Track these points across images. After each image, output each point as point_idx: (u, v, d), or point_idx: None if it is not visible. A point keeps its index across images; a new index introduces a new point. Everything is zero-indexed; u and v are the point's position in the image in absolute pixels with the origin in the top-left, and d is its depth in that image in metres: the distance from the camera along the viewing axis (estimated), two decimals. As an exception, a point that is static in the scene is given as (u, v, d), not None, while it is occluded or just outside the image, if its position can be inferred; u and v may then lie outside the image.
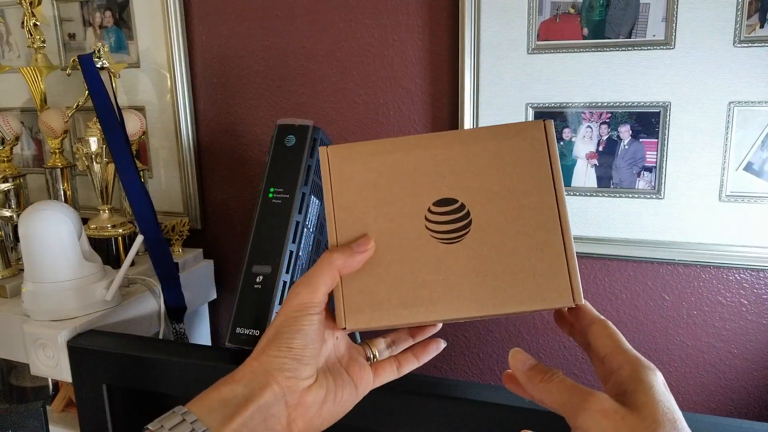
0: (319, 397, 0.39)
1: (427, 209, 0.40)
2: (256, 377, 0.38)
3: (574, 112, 0.82)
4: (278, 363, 0.38)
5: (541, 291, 0.38)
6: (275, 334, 0.39)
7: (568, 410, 0.34)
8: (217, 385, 0.39)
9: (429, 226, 0.40)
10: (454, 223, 0.39)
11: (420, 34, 0.89)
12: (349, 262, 0.39)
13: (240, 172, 1.04)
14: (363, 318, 0.39)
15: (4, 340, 0.79)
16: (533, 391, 0.36)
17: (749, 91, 0.75)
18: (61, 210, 0.75)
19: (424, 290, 0.39)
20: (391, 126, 0.93)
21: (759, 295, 0.81)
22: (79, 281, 0.75)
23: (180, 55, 1.00)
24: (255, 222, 0.66)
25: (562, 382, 0.35)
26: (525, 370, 0.36)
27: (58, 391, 0.94)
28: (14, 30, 1.10)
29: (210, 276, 1.04)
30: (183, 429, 0.35)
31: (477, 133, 0.41)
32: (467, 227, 0.39)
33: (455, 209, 0.40)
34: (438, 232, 0.39)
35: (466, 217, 0.39)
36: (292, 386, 0.38)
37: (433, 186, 0.40)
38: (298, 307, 0.39)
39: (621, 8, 0.78)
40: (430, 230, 0.40)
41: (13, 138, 0.95)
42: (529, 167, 0.40)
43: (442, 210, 0.40)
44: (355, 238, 0.40)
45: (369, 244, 0.39)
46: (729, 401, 0.85)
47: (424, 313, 0.38)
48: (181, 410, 0.36)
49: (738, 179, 0.77)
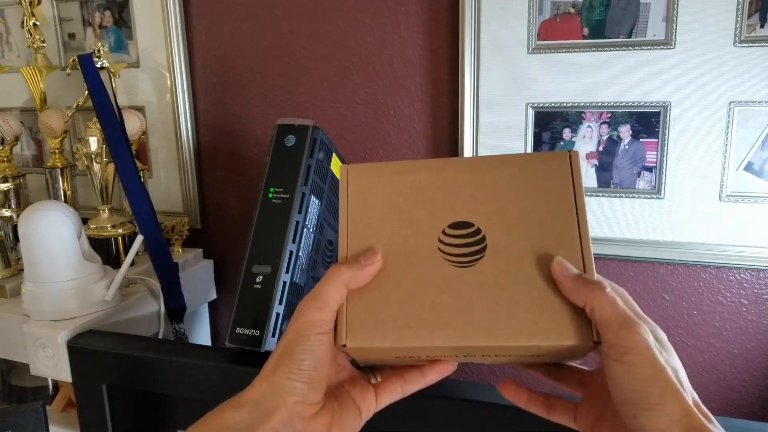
0: (326, 423, 0.37)
1: (442, 231, 0.39)
2: (264, 401, 0.36)
3: (574, 112, 0.82)
4: (289, 386, 0.36)
5: (558, 326, 0.35)
6: (284, 353, 0.37)
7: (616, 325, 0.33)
8: (221, 409, 0.36)
9: (442, 248, 0.38)
10: (467, 246, 0.38)
11: (420, 33, 0.88)
12: (357, 275, 0.37)
13: (240, 172, 1.04)
14: (365, 336, 0.37)
15: (4, 340, 0.79)
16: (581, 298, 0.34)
17: (749, 90, 0.75)
18: (61, 210, 0.75)
19: (431, 313, 0.37)
20: (391, 126, 0.93)
21: (759, 295, 0.81)
22: (79, 281, 0.75)
23: (180, 54, 1.00)
24: (255, 222, 0.66)
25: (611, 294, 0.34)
26: (573, 276, 0.35)
27: (58, 391, 0.94)
28: (14, 30, 1.10)
29: (210, 276, 1.04)
30: None
31: (501, 160, 0.40)
32: (481, 252, 0.38)
33: (470, 233, 0.38)
34: (451, 255, 0.38)
35: (481, 242, 0.38)
36: (301, 412, 0.36)
37: (450, 208, 0.39)
38: (306, 326, 0.37)
39: (621, 8, 0.78)
40: (443, 252, 0.38)
41: (13, 138, 0.94)
42: (551, 196, 0.38)
43: (456, 233, 0.38)
44: None
45: (376, 256, 0.38)
46: (729, 401, 0.85)
47: (429, 337, 0.36)
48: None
49: (738, 179, 0.77)
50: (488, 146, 0.86)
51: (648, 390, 0.31)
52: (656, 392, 0.31)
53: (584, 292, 0.34)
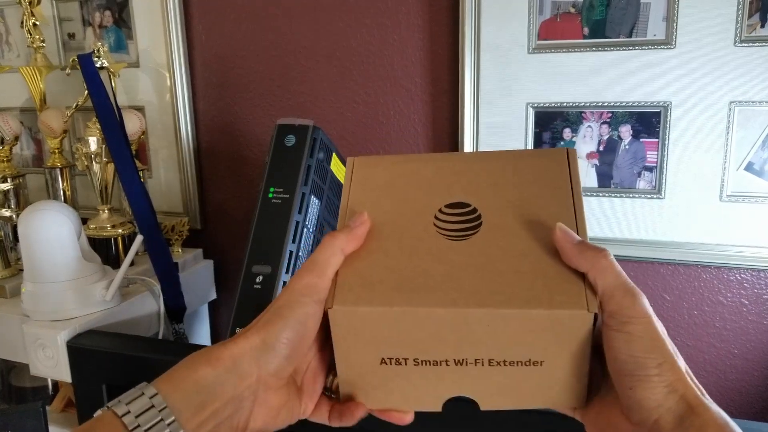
0: (282, 400, 0.36)
1: (438, 209, 0.39)
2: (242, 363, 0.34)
3: (574, 111, 0.82)
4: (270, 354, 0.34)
5: (551, 294, 0.34)
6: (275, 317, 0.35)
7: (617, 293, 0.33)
8: (193, 363, 0.34)
9: (437, 224, 0.39)
10: (463, 223, 0.39)
11: (420, 33, 0.88)
12: (350, 237, 0.37)
13: (240, 172, 1.04)
14: (352, 297, 0.36)
15: (4, 340, 0.79)
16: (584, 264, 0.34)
17: (750, 90, 0.75)
18: (60, 210, 0.75)
19: (421, 278, 0.36)
20: (391, 126, 0.93)
21: (759, 295, 0.81)
22: (78, 281, 0.75)
23: (180, 54, 0.99)
24: (255, 222, 0.66)
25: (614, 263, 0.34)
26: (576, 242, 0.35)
27: (57, 391, 0.94)
28: (14, 30, 1.10)
29: (210, 276, 1.04)
30: (150, 417, 0.31)
31: (500, 153, 0.42)
32: (476, 228, 0.38)
33: (466, 212, 0.39)
34: (445, 230, 0.39)
35: (476, 219, 0.39)
36: (268, 381, 0.35)
37: (448, 191, 0.40)
38: (303, 290, 0.35)
39: (621, 8, 0.78)
40: (438, 227, 0.39)
41: (13, 138, 0.94)
42: (549, 185, 0.39)
43: (453, 211, 0.39)
44: None
45: (363, 216, 0.38)
46: (729, 401, 0.85)
47: (418, 300, 0.35)
48: (149, 391, 0.32)
49: (738, 179, 0.77)
50: (488, 146, 0.86)
51: (646, 360, 0.31)
52: (654, 362, 0.31)
53: (588, 258, 0.34)
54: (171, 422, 0.31)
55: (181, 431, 0.31)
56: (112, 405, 0.32)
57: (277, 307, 0.35)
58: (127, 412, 0.31)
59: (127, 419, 0.31)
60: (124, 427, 0.31)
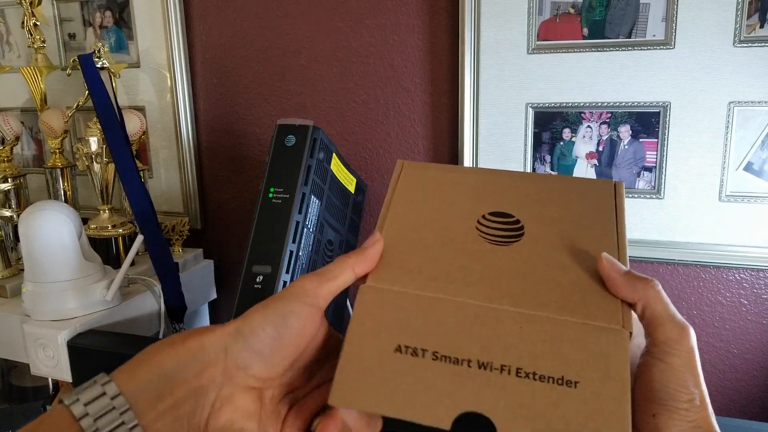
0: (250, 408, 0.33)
1: (482, 215, 0.40)
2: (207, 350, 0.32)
3: (573, 112, 0.82)
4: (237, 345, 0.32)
5: (588, 307, 0.34)
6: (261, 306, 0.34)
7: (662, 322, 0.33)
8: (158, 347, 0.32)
9: (480, 228, 0.39)
10: (505, 231, 0.39)
11: (420, 34, 0.89)
12: (362, 257, 0.37)
13: (240, 172, 1.04)
14: (388, 278, 0.36)
15: (4, 340, 0.79)
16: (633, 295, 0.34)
17: (749, 91, 0.75)
18: (61, 210, 0.75)
19: (459, 273, 0.36)
20: (391, 126, 0.93)
21: (759, 295, 0.81)
22: (79, 281, 0.75)
23: (180, 55, 1.00)
24: (255, 222, 0.66)
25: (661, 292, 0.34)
26: (624, 272, 0.35)
27: (58, 391, 0.94)
28: (14, 30, 1.10)
29: (210, 276, 1.04)
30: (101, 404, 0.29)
31: (547, 175, 0.46)
32: (518, 237, 0.38)
33: (509, 221, 0.40)
34: (487, 234, 0.39)
35: (519, 229, 0.39)
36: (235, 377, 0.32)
37: (492, 201, 0.41)
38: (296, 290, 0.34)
39: (621, 8, 0.78)
40: (480, 231, 0.39)
41: (14, 138, 0.95)
42: (593, 210, 0.40)
43: (496, 219, 0.40)
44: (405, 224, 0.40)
45: (376, 236, 0.38)
46: (729, 401, 0.85)
47: (453, 291, 0.35)
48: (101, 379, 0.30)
49: (738, 179, 0.77)
50: (488, 146, 0.86)
51: (678, 393, 0.32)
52: (686, 397, 0.31)
53: (637, 289, 0.34)
54: (124, 411, 0.29)
55: (135, 422, 0.29)
56: (64, 397, 0.30)
57: (267, 300, 0.34)
58: (75, 400, 0.29)
59: (76, 409, 0.29)
60: (72, 417, 0.29)
